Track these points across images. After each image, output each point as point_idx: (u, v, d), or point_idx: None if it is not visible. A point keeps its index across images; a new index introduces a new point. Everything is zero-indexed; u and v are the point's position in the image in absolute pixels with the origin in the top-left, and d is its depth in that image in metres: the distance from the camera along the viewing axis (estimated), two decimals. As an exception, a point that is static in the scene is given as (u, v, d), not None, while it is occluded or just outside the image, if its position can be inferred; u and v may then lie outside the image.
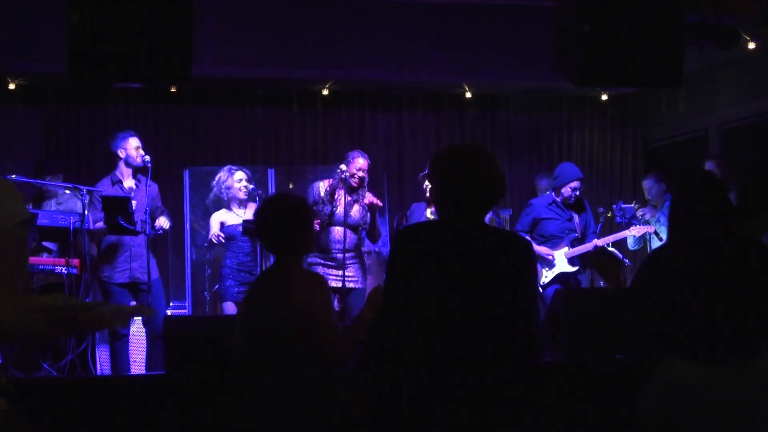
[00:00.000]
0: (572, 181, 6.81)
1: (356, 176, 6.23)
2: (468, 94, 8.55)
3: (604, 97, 8.98)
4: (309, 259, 6.26)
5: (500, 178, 2.93)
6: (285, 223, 3.40)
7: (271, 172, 7.92)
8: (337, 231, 6.21)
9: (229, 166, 6.65)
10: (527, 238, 6.92)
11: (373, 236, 6.52)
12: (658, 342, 3.14)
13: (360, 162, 6.27)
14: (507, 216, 8.27)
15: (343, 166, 6.25)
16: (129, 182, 6.21)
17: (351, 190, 6.29)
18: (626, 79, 5.29)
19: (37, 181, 6.35)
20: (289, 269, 3.41)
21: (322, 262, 6.23)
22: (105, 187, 6.19)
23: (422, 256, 2.87)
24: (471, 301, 2.82)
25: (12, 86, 7.83)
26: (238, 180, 6.49)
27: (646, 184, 7.73)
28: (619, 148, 9.35)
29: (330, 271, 6.19)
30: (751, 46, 6.87)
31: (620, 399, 4.61)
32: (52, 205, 6.46)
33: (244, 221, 6.28)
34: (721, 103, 8.40)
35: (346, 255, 6.21)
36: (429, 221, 2.85)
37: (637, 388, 3.22)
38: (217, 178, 6.61)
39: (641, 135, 9.39)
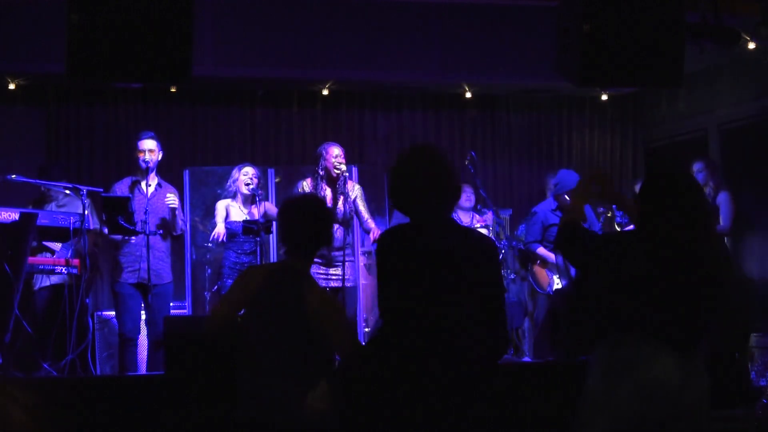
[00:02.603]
0: (572, 189, 6.81)
1: (334, 166, 6.21)
2: (468, 94, 8.54)
3: (604, 97, 8.98)
4: None
5: (455, 177, 3.10)
6: (311, 223, 3.51)
7: (271, 172, 7.92)
8: None
9: (243, 164, 6.71)
10: (540, 246, 6.93)
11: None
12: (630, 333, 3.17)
13: (335, 151, 6.25)
14: (507, 216, 8.27)
15: (319, 170, 6.25)
16: (143, 183, 6.20)
17: (331, 182, 6.25)
18: (626, 79, 5.28)
19: (36, 181, 6.34)
20: (304, 270, 3.51)
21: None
22: (124, 186, 6.20)
23: (400, 258, 3.02)
24: (445, 297, 2.96)
25: (12, 86, 7.83)
26: (244, 174, 6.54)
27: None
28: (619, 148, 9.34)
29: (320, 269, 6.10)
30: (751, 46, 6.87)
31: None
32: (52, 208, 6.46)
33: (245, 221, 6.28)
34: (721, 103, 8.39)
35: (335, 253, 6.11)
36: (401, 224, 3.02)
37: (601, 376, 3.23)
38: (230, 174, 6.66)
39: (641, 135, 9.39)
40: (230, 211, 6.53)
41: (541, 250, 6.89)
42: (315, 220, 3.52)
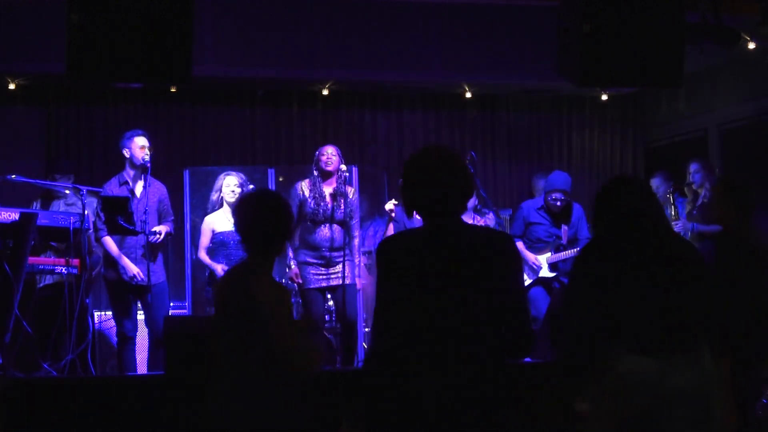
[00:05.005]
0: (554, 191, 6.84)
1: (326, 163, 6.21)
2: (468, 94, 8.55)
3: (604, 97, 8.98)
4: (299, 258, 6.22)
5: (470, 177, 2.97)
6: (266, 220, 3.39)
7: (271, 172, 7.92)
8: (325, 229, 6.15)
9: (226, 171, 6.68)
10: (519, 241, 6.93)
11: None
12: (605, 339, 3.16)
13: (328, 150, 6.29)
14: (507, 216, 8.27)
15: (314, 169, 6.27)
16: (136, 183, 6.19)
17: (327, 178, 6.24)
18: (626, 79, 5.29)
19: (36, 181, 6.34)
20: (261, 267, 3.40)
21: (312, 261, 6.18)
22: (112, 188, 6.18)
23: (405, 263, 2.89)
24: (457, 301, 2.83)
25: (12, 86, 7.83)
26: (226, 185, 6.53)
27: (654, 183, 7.73)
28: (619, 148, 9.35)
29: (320, 270, 6.14)
30: (751, 46, 6.87)
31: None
32: (60, 206, 6.46)
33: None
34: (721, 103, 8.40)
35: (334, 254, 6.12)
36: (407, 230, 3.02)
37: (576, 388, 3.22)
38: (215, 182, 6.66)
39: (641, 135, 9.39)
40: (216, 224, 6.52)
41: (519, 246, 6.91)
42: (269, 215, 3.39)
